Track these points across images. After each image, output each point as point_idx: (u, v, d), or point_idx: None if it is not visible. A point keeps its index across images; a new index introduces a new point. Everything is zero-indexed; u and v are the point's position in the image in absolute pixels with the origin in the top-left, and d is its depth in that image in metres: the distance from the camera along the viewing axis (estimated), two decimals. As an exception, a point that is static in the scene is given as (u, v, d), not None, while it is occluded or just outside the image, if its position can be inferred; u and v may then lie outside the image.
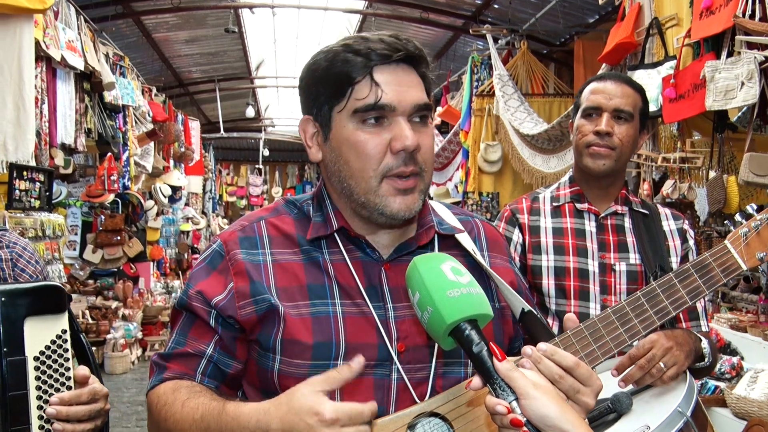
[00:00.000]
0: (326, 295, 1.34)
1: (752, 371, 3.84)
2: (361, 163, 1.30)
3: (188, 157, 12.53)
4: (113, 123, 7.86)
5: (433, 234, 1.42)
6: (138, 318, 9.27)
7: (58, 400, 1.49)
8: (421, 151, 1.31)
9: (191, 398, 1.29)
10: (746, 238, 1.59)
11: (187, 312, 1.39)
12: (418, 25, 9.77)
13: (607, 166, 2.14)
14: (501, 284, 1.43)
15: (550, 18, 8.10)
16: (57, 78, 6.18)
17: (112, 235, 9.10)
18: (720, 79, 3.58)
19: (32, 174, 5.64)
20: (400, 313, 1.34)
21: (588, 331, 1.40)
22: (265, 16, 10.45)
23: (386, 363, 1.31)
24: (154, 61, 11.31)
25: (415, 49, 1.32)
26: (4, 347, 1.49)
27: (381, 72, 1.28)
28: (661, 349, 1.80)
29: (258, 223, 1.43)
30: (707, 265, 1.56)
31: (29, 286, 1.58)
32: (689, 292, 1.52)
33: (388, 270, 1.37)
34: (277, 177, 22.72)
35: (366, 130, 1.29)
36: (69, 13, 6.55)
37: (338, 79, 1.30)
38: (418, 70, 1.35)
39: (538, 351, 1.15)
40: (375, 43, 1.29)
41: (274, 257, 1.37)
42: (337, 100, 1.31)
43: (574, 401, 1.14)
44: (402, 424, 1.25)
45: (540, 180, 6.69)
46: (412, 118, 1.30)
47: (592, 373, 1.17)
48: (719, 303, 5.60)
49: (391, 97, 1.27)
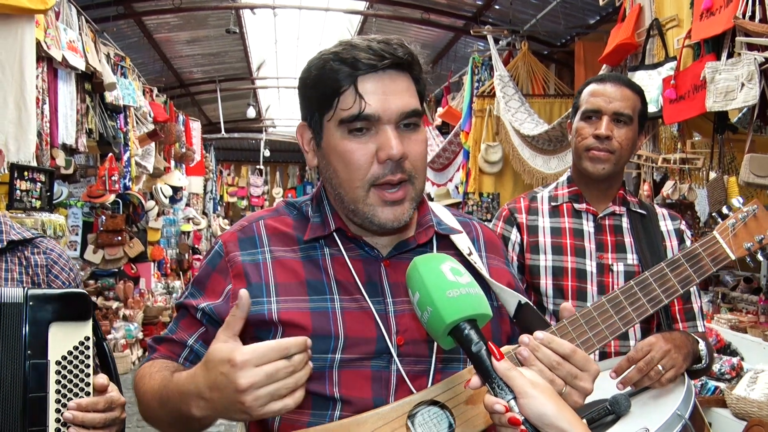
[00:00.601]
0: (325, 291, 1.36)
1: (752, 372, 3.84)
2: (348, 173, 1.31)
3: (189, 158, 12.53)
4: (114, 123, 7.86)
5: (432, 233, 1.44)
6: (139, 318, 9.28)
7: (75, 405, 1.53)
8: (410, 158, 1.31)
9: (160, 371, 1.34)
10: (734, 229, 1.65)
11: (183, 308, 1.45)
12: (419, 25, 9.78)
13: (607, 170, 2.15)
14: (495, 285, 1.45)
15: (551, 19, 8.10)
16: (58, 78, 6.18)
17: (112, 235, 9.10)
18: (720, 80, 3.58)
19: (33, 174, 5.64)
20: (399, 308, 1.36)
21: (583, 320, 1.43)
22: (266, 16, 10.46)
23: (385, 356, 1.33)
24: (155, 62, 11.32)
25: (404, 54, 1.31)
26: (28, 350, 1.54)
27: (367, 81, 1.28)
28: (660, 351, 1.81)
29: (257, 222, 1.45)
30: (697, 254, 1.60)
31: (56, 293, 1.63)
32: (680, 281, 1.56)
33: (388, 267, 1.39)
34: (278, 177, 22.72)
35: (352, 140, 1.30)
36: (70, 13, 6.56)
37: (326, 88, 1.31)
38: (411, 74, 1.34)
39: (535, 339, 1.18)
40: (361, 51, 1.28)
41: (274, 254, 1.39)
42: (326, 108, 1.32)
43: (573, 387, 1.17)
44: (402, 412, 1.26)
45: (540, 181, 6.69)
46: (399, 126, 1.30)
47: (588, 358, 1.20)
48: (719, 304, 5.60)
49: (375, 107, 1.27)
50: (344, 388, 1.30)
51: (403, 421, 1.26)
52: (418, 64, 1.35)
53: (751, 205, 1.68)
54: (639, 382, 1.81)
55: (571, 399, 1.18)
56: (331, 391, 1.30)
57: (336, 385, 1.30)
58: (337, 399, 1.30)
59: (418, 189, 1.35)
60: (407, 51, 1.32)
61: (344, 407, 1.30)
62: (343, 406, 1.30)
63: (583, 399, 1.19)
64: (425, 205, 1.48)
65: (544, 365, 1.17)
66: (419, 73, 1.36)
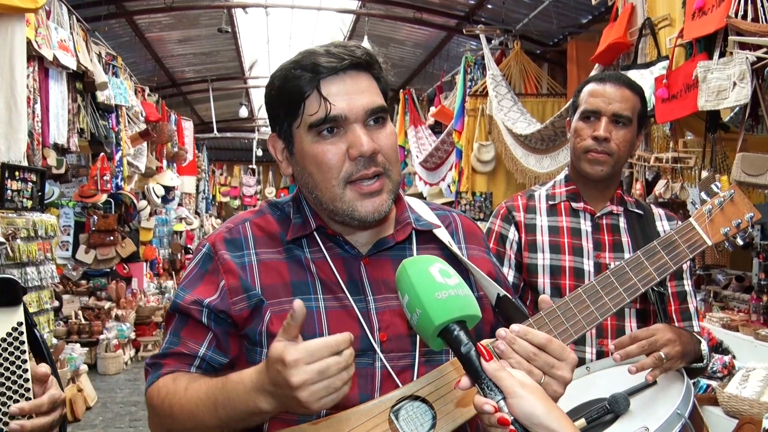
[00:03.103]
0: (309, 291, 1.38)
1: (744, 370, 3.86)
2: (323, 174, 1.34)
3: (181, 157, 12.51)
4: (106, 123, 7.83)
5: (410, 230, 1.46)
6: (131, 318, 9.25)
7: (18, 410, 1.43)
8: (382, 152, 1.35)
9: (192, 382, 1.33)
10: (710, 215, 1.65)
11: (180, 314, 1.43)
12: (412, 25, 9.80)
13: (605, 172, 2.14)
14: (477, 273, 1.47)
15: (544, 18, 8.12)
16: (49, 78, 6.16)
17: (104, 235, 9.08)
18: (712, 79, 3.59)
19: (24, 174, 5.61)
20: (380, 305, 1.39)
21: (560, 311, 1.43)
22: (259, 15, 10.44)
23: (369, 352, 1.35)
24: (147, 61, 11.30)
25: (362, 54, 1.34)
26: None
27: (329, 83, 1.32)
28: (664, 337, 1.81)
29: (243, 224, 1.48)
30: (673, 242, 1.59)
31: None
32: (657, 269, 1.55)
33: (368, 264, 1.42)
34: (271, 177, 22.71)
35: (323, 142, 1.33)
36: (61, 12, 6.53)
37: (290, 97, 1.34)
38: (371, 73, 1.37)
39: (511, 332, 1.20)
40: (321, 56, 1.32)
41: (259, 257, 1.42)
42: (293, 116, 1.35)
43: (551, 376, 1.19)
44: (385, 407, 1.28)
45: (533, 180, 6.71)
46: (367, 123, 1.34)
47: (565, 347, 1.22)
48: (711, 302, 5.62)
49: (341, 107, 1.31)
50: None
51: (386, 416, 1.27)
52: (377, 63, 1.39)
53: (728, 190, 1.68)
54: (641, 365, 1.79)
55: (550, 389, 1.19)
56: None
57: None
58: None
59: (395, 181, 1.38)
60: (365, 51, 1.36)
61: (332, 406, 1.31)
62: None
63: (563, 388, 1.21)
64: (402, 201, 1.52)
65: (522, 357, 1.19)
66: (379, 71, 1.39)
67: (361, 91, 1.33)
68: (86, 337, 8.27)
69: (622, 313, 2.12)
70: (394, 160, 1.37)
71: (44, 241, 5.95)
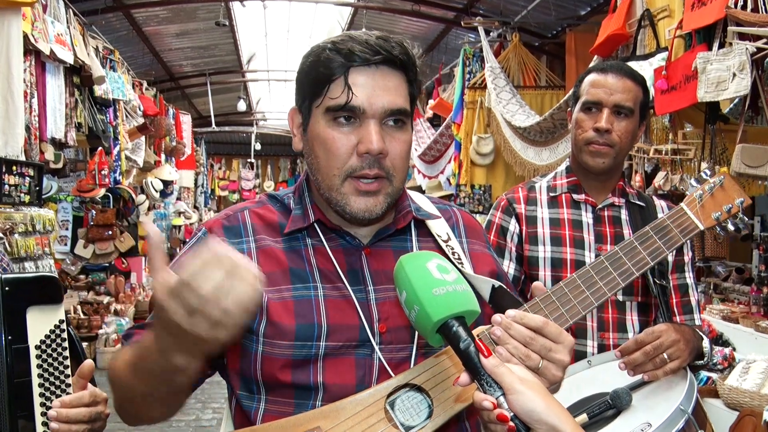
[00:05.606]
0: (308, 279, 1.37)
1: (744, 362, 3.85)
2: (327, 160, 1.33)
3: (180, 152, 12.50)
4: (104, 117, 7.82)
5: (411, 218, 1.46)
6: (130, 313, 9.24)
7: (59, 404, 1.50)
8: (390, 156, 1.32)
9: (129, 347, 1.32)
10: (701, 200, 1.68)
11: None
12: (410, 17, 9.75)
13: (606, 164, 2.13)
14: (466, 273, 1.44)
15: (542, 10, 8.09)
16: (46, 72, 6.14)
17: (103, 229, 9.06)
18: (712, 70, 3.58)
19: (22, 169, 5.60)
20: (381, 296, 1.37)
21: (555, 296, 1.43)
22: (256, 9, 10.41)
23: (367, 343, 1.34)
24: (145, 55, 11.26)
25: (400, 53, 1.32)
26: (8, 335, 1.52)
27: (358, 73, 1.30)
28: (669, 339, 1.79)
29: (242, 212, 1.46)
30: (666, 227, 1.62)
31: (30, 276, 1.62)
32: (650, 253, 1.57)
33: (369, 255, 1.41)
34: (269, 171, 22.67)
35: (336, 129, 1.32)
36: (58, 6, 6.50)
37: (318, 76, 1.32)
38: (405, 74, 1.35)
39: (507, 318, 1.20)
40: (358, 44, 1.30)
41: (258, 243, 1.40)
42: (316, 95, 1.34)
43: (549, 359, 1.19)
44: (380, 396, 1.27)
45: (532, 172, 6.69)
46: (385, 122, 1.32)
47: (561, 330, 1.21)
48: (711, 294, 5.62)
49: (362, 100, 1.29)
50: (329, 376, 1.31)
51: (382, 405, 1.27)
52: (414, 66, 1.37)
53: (718, 176, 1.71)
54: (641, 366, 1.79)
55: (549, 372, 1.18)
56: (316, 381, 1.31)
57: (321, 374, 1.31)
58: (320, 388, 1.31)
59: (396, 187, 1.36)
60: (403, 51, 1.33)
61: (328, 396, 1.31)
62: (326, 395, 1.31)
63: (562, 372, 1.20)
64: (404, 192, 1.50)
65: (518, 342, 1.19)
66: (414, 75, 1.37)
67: (387, 88, 1.31)
68: (85, 331, 8.26)
69: (623, 306, 2.12)
70: (400, 167, 1.35)
71: (42, 236, 5.93)
